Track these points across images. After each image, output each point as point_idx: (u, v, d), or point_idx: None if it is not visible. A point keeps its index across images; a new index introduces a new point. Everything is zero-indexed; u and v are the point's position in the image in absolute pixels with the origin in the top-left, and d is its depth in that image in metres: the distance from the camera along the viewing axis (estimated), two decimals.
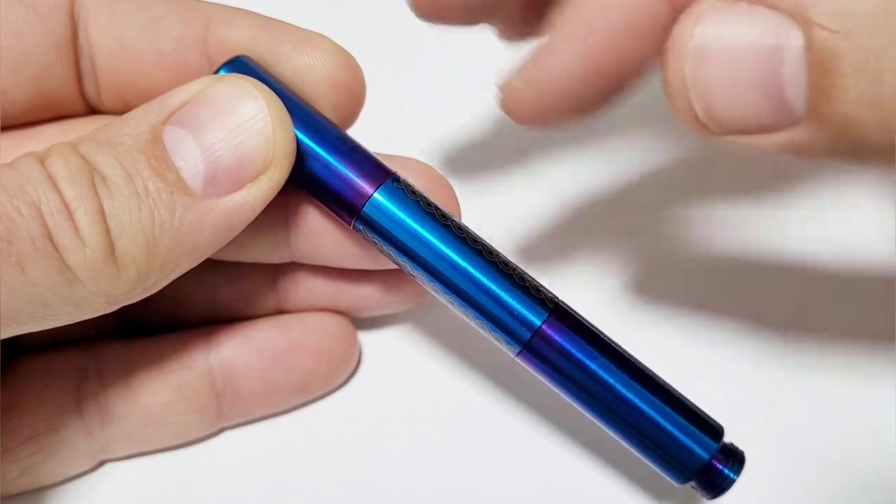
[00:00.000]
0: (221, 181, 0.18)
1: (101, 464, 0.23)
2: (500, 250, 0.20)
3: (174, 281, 0.22)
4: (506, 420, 0.24)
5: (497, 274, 0.19)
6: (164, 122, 0.18)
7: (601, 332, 0.19)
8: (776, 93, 0.14)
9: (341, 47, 0.20)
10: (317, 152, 0.19)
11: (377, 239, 0.19)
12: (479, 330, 0.20)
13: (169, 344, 0.22)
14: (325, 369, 0.23)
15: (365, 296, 0.23)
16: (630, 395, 0.19)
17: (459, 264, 0.19)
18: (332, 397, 0.24)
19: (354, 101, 0.21)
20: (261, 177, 0.18)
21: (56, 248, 0.16)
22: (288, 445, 0.24)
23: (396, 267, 0.20)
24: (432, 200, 0.19)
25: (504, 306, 0.19)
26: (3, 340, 0.21)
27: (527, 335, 0.19)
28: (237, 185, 0.18)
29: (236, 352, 0.23)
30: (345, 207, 0.19)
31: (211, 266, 0.21)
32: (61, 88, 0.19)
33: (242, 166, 0.18)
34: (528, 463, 0.23)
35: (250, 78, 0.18)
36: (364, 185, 0.19)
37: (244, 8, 0.21)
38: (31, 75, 0.19)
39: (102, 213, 0.17)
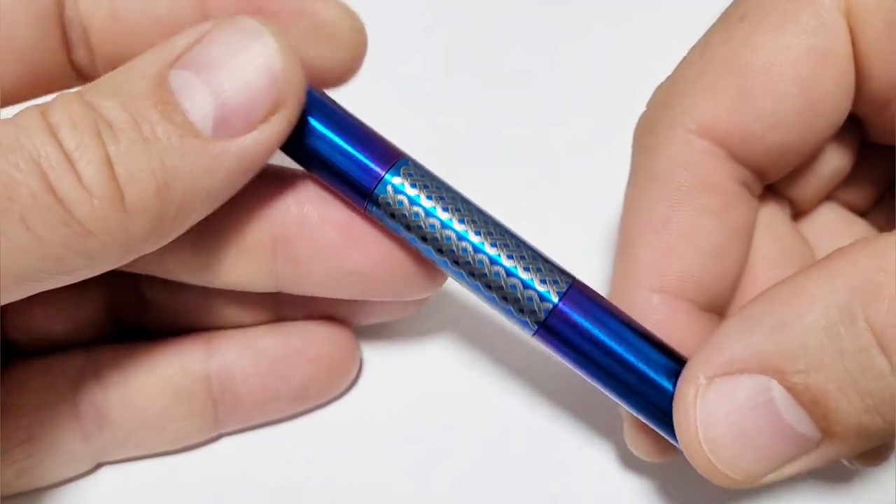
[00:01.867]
0: (232, 122, 0.17)
1: (98, 466, 0.23)
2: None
3: (170, 289, 0.23)
4: (508, 427, 0.24)
5: (512, 252, 0.19)
6: (171, 65, 0.17)
7: (618, 310, 0.19)
8: (789, 433, 0.16)
9: (344, 4, 0.20)
10: (327, 135, 0.19)
11: (388, 221, 0.19)
12: (494, 309, 0.19)
13: (167, 348, 0.22)
14: (325, 377, 0.23)
15: (362, 303, 0.23)
16: (650, 373, 0.18)
17: (474, 243, 0.19)
18: (332, 405, 0.24)
19: (356, 53, 0.20)
20: (272, 117, 0.17)
21: (60, 202, 0.16)
22: (286, 453, 0.23)
23: (387, 299, 0.19)
24: (443, 179, 0.19)
25: (520, 285, 0.19)
26: (2, 342, 0.22)
27: (544, 314, 0.19)
28: (248, 126, 0.17)
29: (235, 358, 0.22)
30: (357, 190, 0.19)
31: None
32: (51, 62, 0.19)
33: (252, 106, 0.17)
34: (532, 469, 0.23)
35: (256, 17, 0.18)
36: (376, 167, 0.19)
37: None
38: (19, 52, 0.19)
39: (109, 161, 0.16)
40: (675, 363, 0.19)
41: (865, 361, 0.15)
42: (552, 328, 0.19)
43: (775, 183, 0.22)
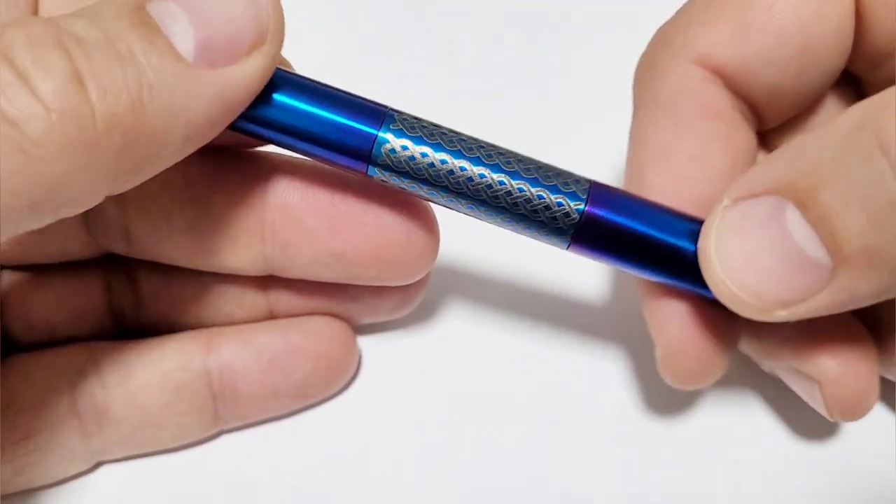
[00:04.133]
0: (215, 52, 0.16)
1: (98, 465, 0.23)
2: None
3: (168, 282, 0.23)
4: (506, 424, 0.24)
5: (526, 172, 0.18)
6: None
7: (643, 198, 0.19)
8: (800, 257, 0.16)
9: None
10: (311, 112, 0.18)
11: (393, 179, 0.19)
12: (523, 234, 0.19)
13: (167, 345, 0.22)
14: (324, 374, 0.23)
15: (353, 299, 0.23)
16: (682, 244, 0.19)
17: (485, 174, 0.18)
18: (331, 402, 0.24)
19: None
20: (255, 51, 0.17)
21: (11, 123, 0.14)
22: (286, 449, 0.23)
23: (373, 283, 0.20)
24: (432, 121, 0.19)
25: (543, 201, 0.18)
26: (1, 335, 0.22)
27: (574, 222, 0.18)
28: (231, 58, 0.17)
29: (234, 354, 0.22)
30: (354, 157, 0.19)
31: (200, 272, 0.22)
32: None
33: (237, 37, 0.17)
34: (529, 467, 0.23)
35: None
36: (367, 128, 0.18)
37: None
38: None
39: (77, 74, 0.15)
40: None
41: (870, 169, 0.15)
42: (585, 234, 0.19)
43: (770, 137, 0.22)
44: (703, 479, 0.23)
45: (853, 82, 0.21)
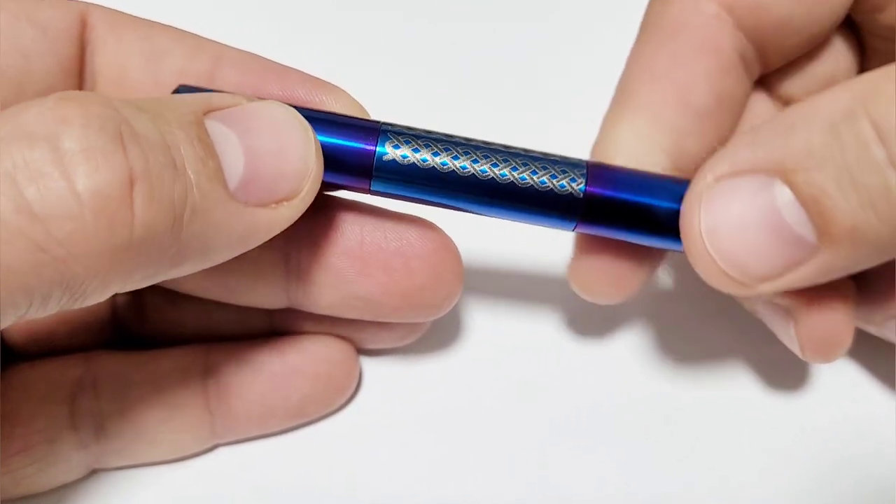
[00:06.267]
0: (254, 190, 0.16)
1: (94, 472, 0.23)
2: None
3: (171, 301, 0.22)
4: (506, 443, 0.24)
5: (524, 165, 0.19)
6: (205, 112, 0.16)
7: (636, 170, 0.20)
8: (787, 233, 0.17)
9: (353, 98, 0.20)
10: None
11: (399, 188, 0.19)
12: (528, 223, 0.19)
13: (166, 361, 0.22)
14: (323, 394, 0.23)
15: (360, 328, 0.23)
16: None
17: (488, 171, 0.19)
18: (329, 417, 0.24)
19: None
20: (292, 200, 0.17)
21: (36, 219, 0.13)
22: (283, 462, 0.23)
23: (397, 322, 0.19)
24: (423, 128, 0.19)
25: (547, 188, 0.19)
26: (2, 345, 0.22)
27: (578, 204, 0.19)
28: (266, 200, 0.17)
29: (232, 373, 0.22)
30: (355, 173, 0.19)
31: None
32: None
33: (278, 183, 0.17)
34: (531, 488, 0.23)
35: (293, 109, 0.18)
36: (365, 145, 0.19)
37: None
38: (35, 96, 0.18)
39: (129, 174, 0.14)
40: None
41: (864, 155, 0.16)
42: (590, 211, 0.19)
43: (771, 79, 0.22)
44: (704, 480, 0.23)
45: (854, 31, 0.22)
